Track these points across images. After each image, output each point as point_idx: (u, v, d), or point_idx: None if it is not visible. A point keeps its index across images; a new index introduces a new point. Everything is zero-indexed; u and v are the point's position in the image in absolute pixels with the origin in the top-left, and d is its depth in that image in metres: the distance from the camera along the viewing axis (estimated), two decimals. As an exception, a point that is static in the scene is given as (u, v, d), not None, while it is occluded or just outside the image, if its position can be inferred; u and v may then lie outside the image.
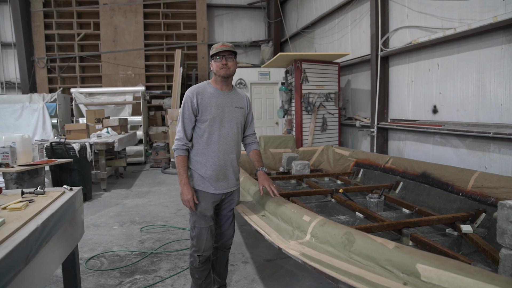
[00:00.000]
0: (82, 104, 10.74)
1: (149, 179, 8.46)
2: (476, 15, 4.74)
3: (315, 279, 3.31)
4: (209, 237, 2.67)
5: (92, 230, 4.85)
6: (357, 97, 8.23)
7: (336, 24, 9.03)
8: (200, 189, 2.65)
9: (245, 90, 9.74)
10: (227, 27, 14.01)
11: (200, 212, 2.64)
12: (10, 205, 2.20)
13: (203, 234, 2.65)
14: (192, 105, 2.59)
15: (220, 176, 2.67)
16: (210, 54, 2.65)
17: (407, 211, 3.79)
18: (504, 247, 2.18)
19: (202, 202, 2.63)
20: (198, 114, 2.61)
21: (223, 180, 2.69)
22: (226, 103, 2.67)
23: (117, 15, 12.55)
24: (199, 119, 2.62)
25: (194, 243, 2.68)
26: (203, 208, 2.63)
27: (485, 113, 4.74)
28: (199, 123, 2.63)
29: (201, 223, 2.65)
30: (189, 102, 2.60)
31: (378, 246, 1.91)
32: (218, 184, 2.67)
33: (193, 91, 2.62)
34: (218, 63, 2.60)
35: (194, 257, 2.68)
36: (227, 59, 2.60)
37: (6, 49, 12.16)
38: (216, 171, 2.64)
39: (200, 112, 2.60)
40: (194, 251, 2.68)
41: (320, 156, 6.50)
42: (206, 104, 2.60)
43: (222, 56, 2.59)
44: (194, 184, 2.66)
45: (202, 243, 2.65)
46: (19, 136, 5.43)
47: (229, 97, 2.71)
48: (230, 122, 2.68)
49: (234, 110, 2.71)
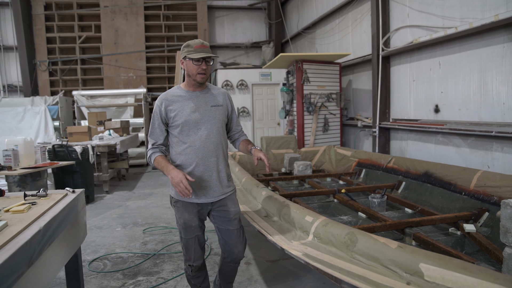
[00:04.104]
0: (84, 107, 10.76)
1: (151, 181, 8.47)
2: (478, 14, 4.73)
3: (318, 280, 3.30)
4: (197, 247, 2.52)
5: (95, 232, 4.86)
6: (359, 97, 8.22)
7: (337, 24, 9.02)
8: (181, 199, 2.46)
9: (246, 91, 9.75)
10: (228, 28, 14.03)
11: (184, 223, 2.46)
12: (13, 208, 2.21)
13: (190, 244, 2.50)
14: (161, 113, 2.43)
15: (202, 184, 2.44)
16: (186, 52, 2.36)
17: (410, 210, 3.79)
18: (508, 246, 2.17)
19: (185, 212, 2.45)
20: (169, 121, 2.44)
21: (207, 188, 2.46)
22: (200, 104, 2.46)
23: (118, 17, 12.58)
24: (171, 125, 2.45)
25: (184, 253, 2.56)
26: (186, 219, 2.45)
27: (487, 112, 4.72)
28: (171, 129, 2.46)
29: (186, 234, 2.49)
30: (157, 110, 2.44)
31: (381, 246, 1.90)
32: (200, 192, 2.45)
33: (162, 99, 2.45)
34: (196, 67, 2.35)
35: (186, 266, 2.58)
36: (207, 63, 2.38)
37: (8, 52, 12.19)
38: (196, 178, 2.40)
39: (170, 119, 2.43)
40: (186, 261, 2.56)
41: (322, 156, 6.49)
42: (176, 110, 2.41)
43: (202, 59, 2.35)
44: (174, 194, 2.50)
45: (191, 254, 2.51)
46: (22, 139, 5.46)
47: (203, 98, 2.48)
48: (207, 123, 2.45)
49: (211, 109, 2.48)
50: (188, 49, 2.36)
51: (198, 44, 2.35)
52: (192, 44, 2.36)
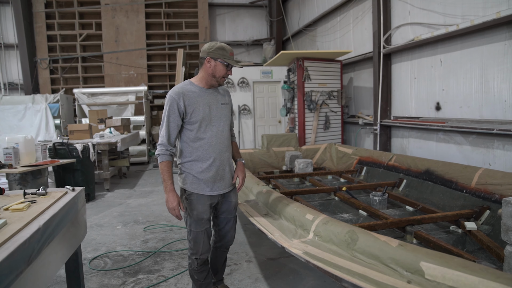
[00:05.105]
0: (85, 105, 10.76)
1: (152, 178, 8.47)
2: (479, 11, 4.71)
3: (319, 278, 3.30)
4: (206, 240, 2.58)
5: (96, 230, 4.86)
6: (360, 95, 8.20)
7: (338, 21, 8.99)
8: (196, 192, 2.53)
9: (247, 89, 9.73)
10: (229, 26, 14.00)
11: (197, 215, 2.52)
12: (12, 206, 2.21)
13: (200, 237, 2.55)
14: (179, 108, 2.43)
15: (217, 177, 2.56)
16: (220, 55, 2.47)
17: (411, 208, 3.78)
18: (509, 244, 2.16)
19: (198, 205, 2.52)
20: (186, 117, 2.47)
21: (220, 180, 2.59)
22: (212, 101, 2.55)
23: (118, 15, 12.56)
24: (188, 121, 2.48)
25: (192, 246, 2.59)
26: (199, 211, 2.52)
27: (489, 110, 4.70)
28: (188, 125, 2.49)
29: (197, 227, 2.54)
30: (175, 105, 2.43)
31: (382, 244, 1.89)
32: (215, 185, 2.56)
33: (178, 92, 2.45)
34: (225, 71, 2.51)
35: (192, 259, 2.61)
36: (231, 70, 2.56)
37: (9, 50, 12.19)
38: (213, 172, 2.53)
39: (188, 114, 2.46)
40: (192, 254, 2.60)
41: (323, 154, 6.48)
42: (194, 105, 2.46)
43: (231, 66, 2.52)
44: (188, 187, 2.54)
45: (200, 247, 2.56)
46: (22, 137, 5.44)
47: (214, 95, 2.58)
48: (220, 120, 2.57)
49: (221, 107, 2.60)
50: (223, 53, 2.47)
51: (231, 52, 2.52)
52: (227, 50, 2.50)
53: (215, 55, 2.46)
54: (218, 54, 2.46)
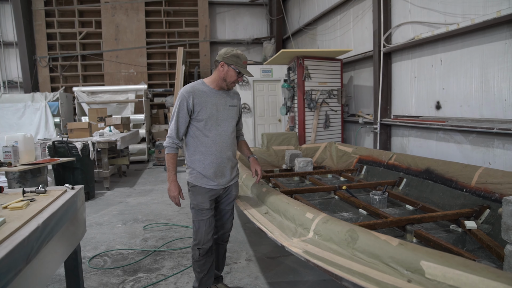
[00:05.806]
0: (85, 103, 10.75)
1: (152, 177, 8.46)
2: (480, 10, 4.70)
3: (319, 276, 3.30)
4: (208, 229, 2.73)
5: (95, 228, 4.86)
6: (360, 94, 8.19)
7: (338, 20, 8.98)
8: (198, 184, 2.71)
9: (247, 87, 9.72)
10: (229, 24, 13.98)
11: (197, 205, 2.71)
12: (11, 204, 2.20)
13: (202, 226, 2.72)
14: (188, 105, 2.61)
15: (218, 173, 2.73)
16: (233, 62, 2.63)
17: (411, 207, 3.77)
18: (509, 243, 2.16)
19: (198, 195, 2.71)
20: (193, 114, 2.65)
21: (221, 176, 2.76)
22: (220, 102, 2.72)
23: (118, 13, 12.54)
24: (195, 118, 2.66)
25: (194, 237, 2.77)
26: (199, 201, 2.71)
27: (489, 109, 4.70)
28: (195, 122, 2.67)
29: (197, 216, 2.73)
30: (184, 102, 2.61)
31: (382, 243, 1.89)
32: (216, 180, 2.74)
33: (189, 91, 2.63)
34: (236, 77, 2.67)
35: (194, 250, 2.76)
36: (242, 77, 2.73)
37: (8, 48, 12.17)
38: (214, 169, 2.70)
39: (195, 112, 2.64)
40: (195, 245, 2.76)
41: (323, 153, 6.47)
42: (202, 104, 2.63)
43: (241, 73, 2.67)
44: (192, 180, 2.73)
45: (202, 236, 2.72)
46: (22, 135, 5.44)
47: (223, 97, 2.75)
48: (225, 121, 2.74)
49: (229, 108, 2.77)
50: (237, 60, 2.64)
51: (245, 60, 2.69)
52: (241, 58, 2.66)
53: (229, 61, 2.62)
54: (232, 61, 2.63)
